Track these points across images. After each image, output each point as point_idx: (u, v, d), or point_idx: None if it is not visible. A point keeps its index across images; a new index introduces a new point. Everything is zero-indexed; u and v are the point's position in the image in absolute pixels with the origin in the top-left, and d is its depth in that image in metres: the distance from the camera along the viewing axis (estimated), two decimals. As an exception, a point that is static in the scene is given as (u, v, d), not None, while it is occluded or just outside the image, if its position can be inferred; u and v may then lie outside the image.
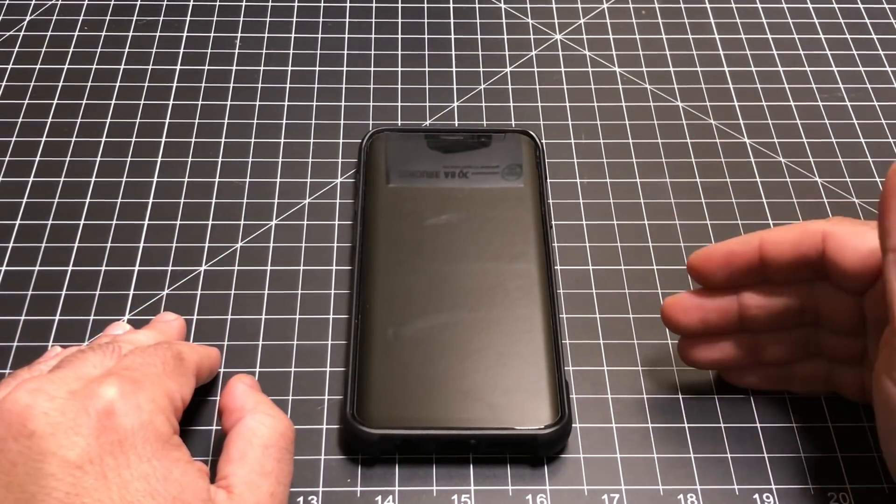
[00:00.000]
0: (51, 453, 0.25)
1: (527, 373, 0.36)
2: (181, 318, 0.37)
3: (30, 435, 0.26)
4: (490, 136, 0.44)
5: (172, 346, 0.32)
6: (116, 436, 0.26)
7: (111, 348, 0.31)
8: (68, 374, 0.28)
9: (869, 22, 0.53)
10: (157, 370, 0.30)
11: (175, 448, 0.28)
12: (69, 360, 0.30)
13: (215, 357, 0.36)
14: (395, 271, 0.39)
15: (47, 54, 0.49)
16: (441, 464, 0.35)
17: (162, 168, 0.44)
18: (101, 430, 0.26)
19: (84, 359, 0.30)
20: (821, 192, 0.44)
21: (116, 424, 0.26)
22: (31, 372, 0.31)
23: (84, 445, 0.26)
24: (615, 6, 0.53)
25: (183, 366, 0.31)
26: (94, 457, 0.26)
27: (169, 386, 0.29)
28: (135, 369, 0.29)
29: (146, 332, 0.35)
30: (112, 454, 0.26)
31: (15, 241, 0.41)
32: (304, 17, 0.52)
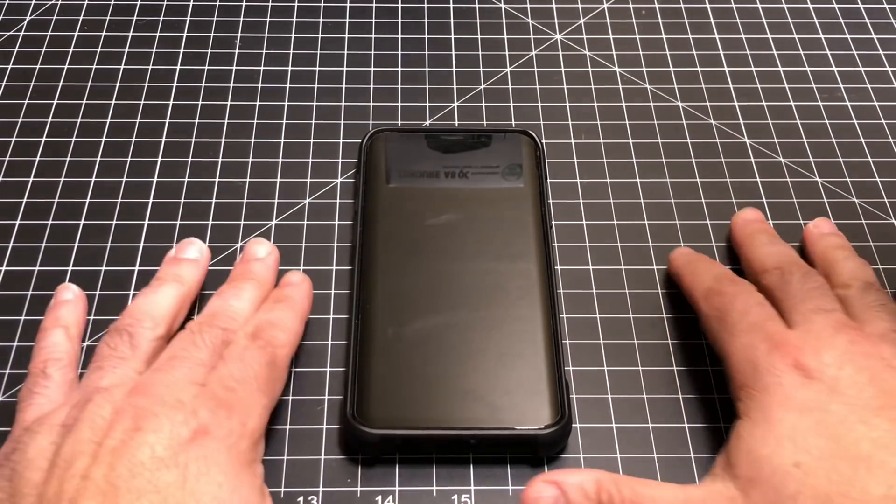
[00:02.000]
0: (147, 444, 0.29)
1: (527, 373, 0.36)
2: (307, 283, 0.38)
3: (137, 430, 0.29)
4: (490, 136, 0.44)
5: (270, 343, 0.34)
6: (204, 451, 0.30)
7: (220, 340, 0.34)
8: (180, 379, 0.32)
9: (869, 22, 0.53)
10: (252, 388, 0.32)
11: (251, 473, 0.31)
12: (182, 356, 0.33)
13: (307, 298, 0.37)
14: (395, 271, 0.39)
15: (47, 54, 0.49)
16: (441, 464, 0.35)
17: (162, 168, 0.44)
18: (193, 444, 0.30)
19: (195, 356, 0.33)
20: (821, 192, 0.44)
21: (207, 442, 0.30)
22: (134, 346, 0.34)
23: (176, 449, 0.29)
24: (615, 6, 0.53)
25: (276, 368, 0.34)
26: (180, 461, 0.29)
27: (260, 404, 0.32)
28: (232, 390, 0.32)
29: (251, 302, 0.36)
30: (196, 463, 0.29)
31: (15, 241, 0.41)
32: (304, 17, 0.52)
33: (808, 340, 0.32)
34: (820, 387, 0.31)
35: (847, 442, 0.29)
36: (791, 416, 0.30)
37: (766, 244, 0.39)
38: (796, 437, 0.30)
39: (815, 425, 0.30)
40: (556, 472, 0.32)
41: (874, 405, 0.30)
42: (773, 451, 0.30)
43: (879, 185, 0.45)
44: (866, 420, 0.29)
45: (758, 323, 0.34)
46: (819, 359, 0.31)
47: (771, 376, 0.32)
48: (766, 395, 0.31)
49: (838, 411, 0.30)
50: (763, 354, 0.32)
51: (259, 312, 0.36)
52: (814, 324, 0.33)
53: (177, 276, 0.37)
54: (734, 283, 0.36)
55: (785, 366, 0.32)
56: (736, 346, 0.34)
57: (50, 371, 0.34)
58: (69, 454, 0.29)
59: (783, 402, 0.31)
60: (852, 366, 0.31)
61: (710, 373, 0.38)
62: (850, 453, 0.29)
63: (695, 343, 0.39)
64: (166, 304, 0.36)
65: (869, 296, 0.36)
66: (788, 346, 0.32)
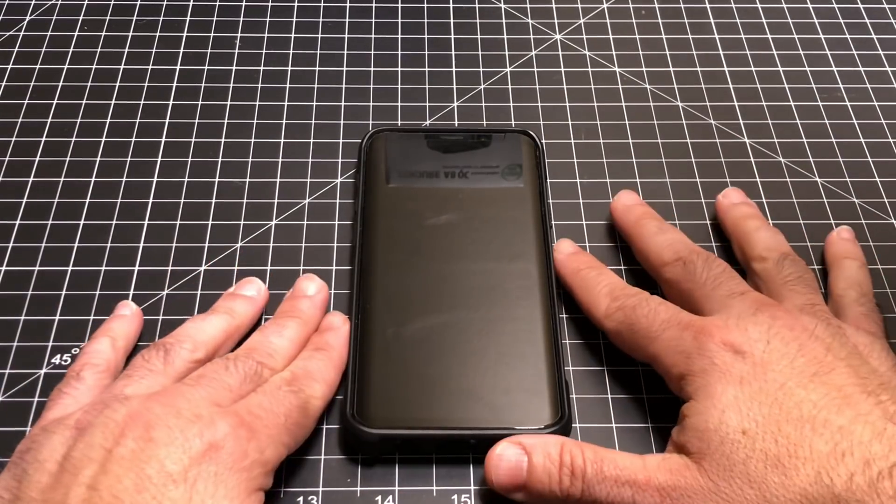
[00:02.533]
0: (157, 459, 0.29)
1: (527, 373, 0.36)
2: (347, 327, 0.37)
3: (148, 440, 0.29)
4: (490, 136, 0.44)
5: (304, 391, 0.33)
6: (215, 468, 0.29)
7: (254, 371, 0.33)
8: (203, 397, 0.31)
9: (869, 22, 0.53)
10: (278, 422, 0.32)
11: (258, 499, 0.30)
12: (211, 377, 0.32)
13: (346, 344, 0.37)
14: (395, 271, 0.39)
15: (47, 54, 0.49)
16: (441, 464, 0.35)
17: (162, 168, 0.44)
18: (205, 459, 0.29)
19: (224, 380, 0.32)
20: (821, 192, 0.44)
21: (219, 459, 0.29)
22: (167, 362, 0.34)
23: (186, 464, 0.29)
24: (615, 6, 0.53)
25: (306, 416, 0.33)
26: (189, 477, 0.28)
27: (282, 440, 0.32)
28: (258, 417, 0.31)
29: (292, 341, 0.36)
30: (205, 481, 0.29)
31: (15, 242, 0.41)
32: (304, 17, 0.52)
33: (729, 321, 0.33)
34: (752, 360, 0.32)
35: (789, 406, 0.30)
36: (731, 388, 0.31)
37: (656, 233, 0.39)
38: (740, 406, 0.31)
39: (755, 394, 0.31)
40: (522, 436, 0.33)
41: (808, 372, 0.31)
42: (719, 422, 0.31)
43: (879, 185, 0.45)
44: (804, 384, 0.31)
45: (671, 318, 0.34)
46: (746, 335, 0.32)
47: (704, 358, 0.32)
48: (705, 375, 0.32)
49: (776, 379, 0.31)
50: (690, 341, 0.33)
51: (298, 360, 0.35)
52: (732, 308, 0.34)
53: (229, 308, 0.37)
54: (629, 295, 0.36)
55: (715, 346, 0.32)
56: (660, 346, 0.34)
57: (84, 374, 0.34)
58: (78, 459, 0.29)
59: (721, 377, 0.32)
60: (779, 339, 0.32)
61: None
62: (793, 416, 0.30)
63: (695, 343, 0.39)
64: (211, 332, 0.36)
65: (785, 269, 0.37)
66: (712, 328, 0.33)
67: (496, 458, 0.33)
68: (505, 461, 0.32)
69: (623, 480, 0.31)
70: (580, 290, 0.38)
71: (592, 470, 0.31)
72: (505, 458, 0.32)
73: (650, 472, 0.31)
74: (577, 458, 0.32)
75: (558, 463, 0.32)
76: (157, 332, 0.38)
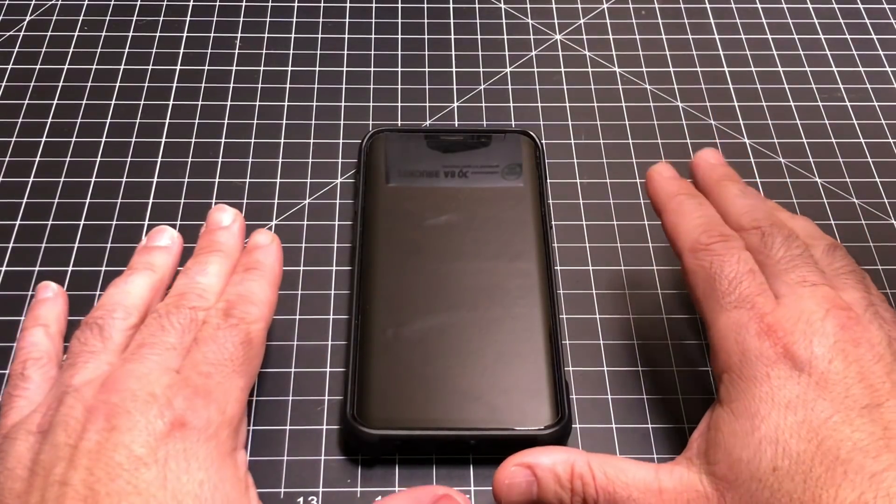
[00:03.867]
0: (123, 445, 0.28)
1: (526, 373, 0.36)
2: (276, 244, 0.36)
3: (111, 429, 0.29)
4: (490, 136, 0.44)
5: (244, 320, 0.32)
6: (182, 445, 0.29)
7: (189, 320, 0.32)
8: (151, 370, 0.30)
9: (869, 22, 0.53)
10: (227, 370, 0.31)
11: (233, 465, 0.30)
12: (151, 342, 0.31)
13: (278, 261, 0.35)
14: (395, 271, 0.39)
15: (47, 54, 0.49)
16: (441, 464, 0.35)
17: (162, 168, 0.44)
18: (171, 438, 0.29)
19: (165, 341, 0.31)
20: (821, 192, 0.44)
21: (185, 435, 0.29)
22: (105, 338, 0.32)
23: (153, 445, 0.28)
24: (615, 6, 0.53)
25: (251, 347, 0.32)
26: (159, 457, 0.28)
27: (238, 386, 0.31)
28: (207, 375, 0.31)
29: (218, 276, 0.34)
30: (175, 459, 0.28)
31: (15, 242, 0.41)
32: (304, 17, 0.52)
33: (798, 325, 0.31)
34: (808, 381, 0.30)
35: (828, 444, 0.28)
36: (775, 413, 0.29)
37: (738, 196, 0.36)
38: (778, 438, 0.29)
39: (798, 426, 0.29)
40: (530, 453, 0.32)
41: (860, 404, 0.29)
42: (753, 455, 0.29)
43: (879, 185, 0.45)
44: (850, 420, 0.29)
45: (749, 297, 0.32)
46: (810, 349, 0.30)
47: (759, 366, 0.30)
48: (752, 387, 0.30)
49: (824, 410, 0.29)
50: (752, 336, 0.31)
51: (229, 286, 0.34)
52: (801, 300, 0.32)
53: (148, 263, 0.36)
54: (724, 238, 0.34)
55: (775, 354, 0.30)
56: (724, 322, 0.32)
57: (29, 372, 0.33)
58: (47, 461, 0.28)
59: (768, 397, 0.30)
60: (841, 358, 0.30)
61: (710, 373, 0.38)
62: (829, 456, 0.28)
63: (695, 343, 0.39)
64: (138, 293, 0.34)
65: (836, 261, 0.34)
66: (779, 329, 0.31)
67: (505, 485, 0.32)
68: (515, 487, 0.32)
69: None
70: (672, 213, 0.35)
71: (604, 497, 0.30)
72: (515, 484, 0.32)
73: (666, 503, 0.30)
74: (589, 485, 0.31)
75: (569, 490, 0.31)
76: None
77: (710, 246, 0.34)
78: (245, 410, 0.32)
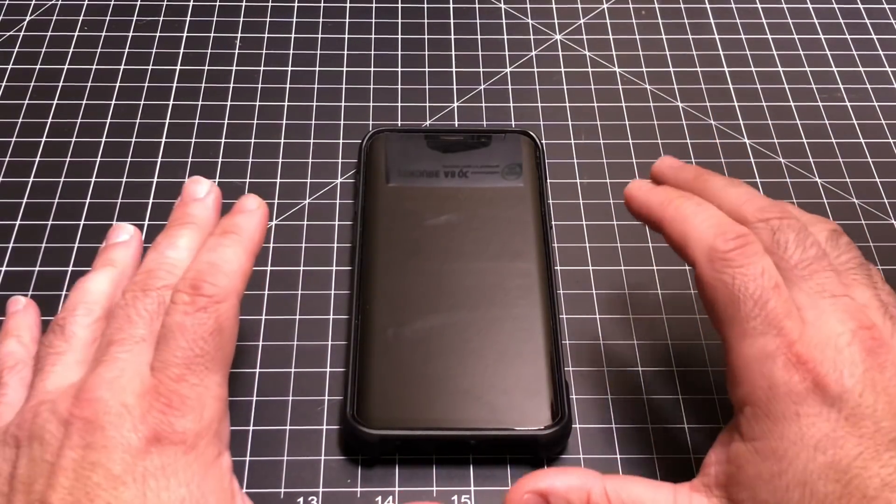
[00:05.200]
0: (100, 465, 0.27)
1: (526, 373, 0.36)
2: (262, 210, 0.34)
3: (86, 447, 0.28)
4: (490, 136, 0.44)
5: (210, 308, 0.30)
6: (161, 460, 0.28)
7: (157, 304, 0.31)
8: (122, 373, 0.29)
9: (869, 22, 0.53)
10: (199, 367, 0.29)
11: (216, 473, 0.29)
12: (120, 339, 0.30)
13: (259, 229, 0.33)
14: (395, 271, 0.39)
15: (47, 54, 0.49)
16: (441, 464, 0.35)
17: (162, 168, 0.44)
18: (147, 454, 0.28)
19: (135, 334, 0.30)
20: (821, 192, 0.44)
21: (162, 451, 0.28)
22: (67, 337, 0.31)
23: (130, 462, 0.27)
24: (615, 6, 0.53)
25: (223, 335, 0.30)
26: (137, 476, 0.27)
27: (214, 381, 0.30)
28: (180, 378, 0.29)
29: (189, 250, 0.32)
30: (154, 477, 0.27)
31: (15, 242, 0.41)
32: (304, 17, 0.52)
33: (827, 352, 0.29)
34: (837, 417, 0.28)
35: (856, 483, 0.27)
36: (804, 455, 0.28)
37: (726, 186, 0.34)
38: (806, 481, 0.28)
39: (826, 467, 0.28)
40: (544, 476, 0.31)
41: (889, 437, 0.28)
42: (781, 499, 0.28)
43: (879, 185, 0.45)
44: (879, 456, 0.27)
45: (776, 321, 0.29)
46: (841, 382, 0.28)
47: (788, 403, 0.28)
48: (780, 426, 0.28)
49: (853, 448, 0.28)
50: (781, 371, 0.29)
51: (200, 251, 0.32)
52: (825, 316, 0.30)
53: (107, 260, 0.35)
54: (742, 242, 0.31)
55: (804, 389, 0.28)
56: (748, 350, 0.30)
57: (6, 379, 0.32)
58: (26, 476, 0.28)
59: (798, 437, 0.28)
60: (871, 389, 0.28)
61: (710, 373, 0.38)
62: (856, 496, 0.27)
63: (695, 343, 0.39)
64: (99, 289, 0.33)
65: (842, 253, 0.32)
66: (809, 361, 0.29)
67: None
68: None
69: None
70: (674, 221, 0.33)
71: None
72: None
73: None
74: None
75: None
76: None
77: (729, 255, 0.30)
78: (225, 406, 0.30)
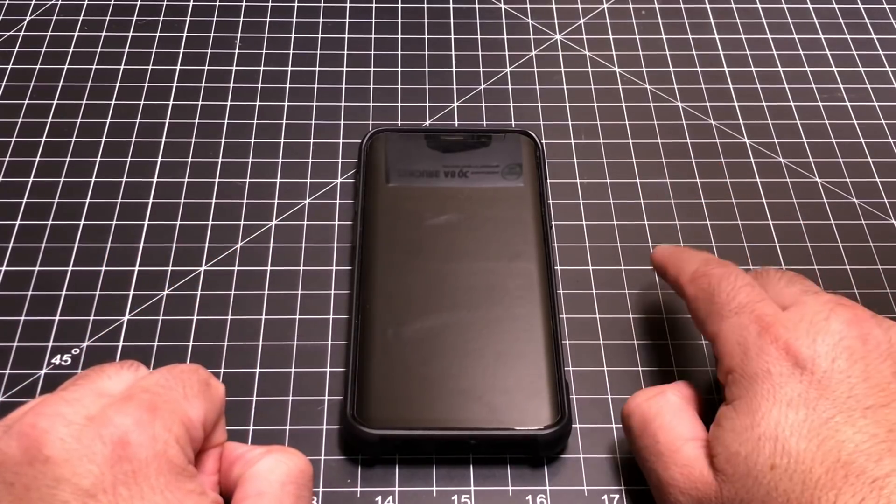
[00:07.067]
0: (65, 480, 0.26)
1: (527, 373, 0.36)
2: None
3: (45, 461, 0.26)
4: (490, 136, 0.44)
5: (200, 370, 0.31)
6: (130, 466, 0.26)
7: (132, 363, 0.31)
8: (85, 395, 0.28)
9: (869, 22, 0.53)
10: (177, 394, 0.29)
11: (189, 479, 0.28)
12: (87, 374, 0.30)
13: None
14: (395, 271, 0.39)
15: (47, 54, 0.49)
16: (441, 464, 0.35)
17: (162, 168, 0.44)
18: (116, 460, 0.26)
19: (102, 372, 0.30)
20: (821, 192, 0.44)
21: (131, 455, 0.27)
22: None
23: (98, 474, 0.26)
24: (615, 6, 0.53)
25: (209, 391, 0.30)
26: (107, 486, 0.26)
27: (189, 412, 0.29)
28: (154, 392, 0.28)
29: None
30: (125, 484, 0.26)
31: (15, 242, 0.41)
32: (304, 17, 0.52)
33: (801, 324, 0.31)
34: (810, 380, 0.29)
35: (829, 445, 0.28)
36: (775, 411, 0.29)
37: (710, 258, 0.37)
38: (778, 435, 0.29)
39: (799, 424, 0.29)
40: None
41: (864, 404, 0.29)
42: (751, 450, 0.29)
43: (879, 185, 0.45)
44: (853, 421, 0.28)
45: (748, 304, 0.32)
46: (812, 347, 0.30)
47: (760, 362, 0.30)
48: (753, 384, 0.30)
49: (826, 410, 0.29)
50: (753, 336, 0.31)
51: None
52: (806, 305, 0.32)
53: None
54: (722, 265, 0.34)
55: (776, 350, 0.30)
56: (725, 328, 0.32)
57: None
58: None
59: (769, 394, 0.30)
60: (846, 356, 0.30)
61: (710, 373, 0.38)
62: (830, 458, 0.28)
63: (695, 343, 0.39)
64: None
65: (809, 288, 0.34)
66: (780, 328, 0.31)
67: None
68: None
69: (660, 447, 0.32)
70: (674, 258, 0.37)
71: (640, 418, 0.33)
72: None
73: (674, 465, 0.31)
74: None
75: None
76: (157, 333, 0.38)
77: (708, 271, 0.34)
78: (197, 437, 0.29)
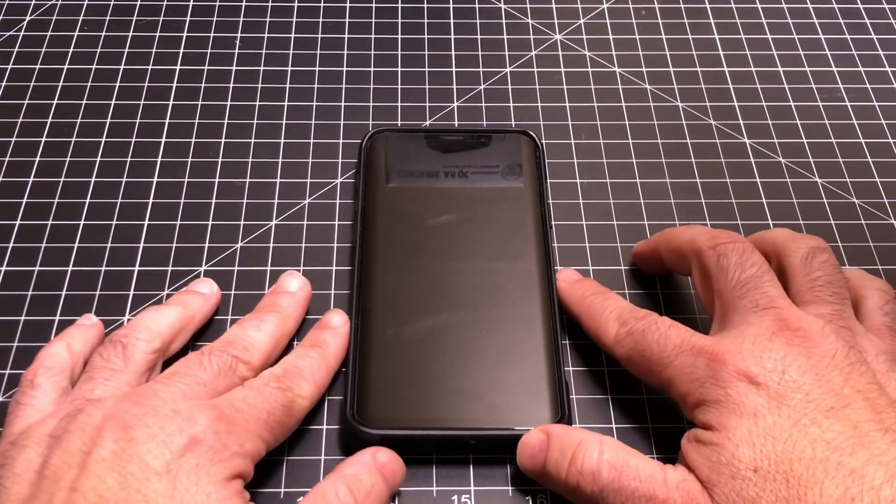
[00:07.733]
0: (138, 457, 0.29)
1: (527, 373, 0.36)
2: (345, 328, 0.37)
3: (129, 440, 0.29)
4: (490, 136, 0.44)
5: (292, 389, 0.33)
6: (196, 460, 0.29)
7: (228, 366, 0.33)
8: (177, 393, 0.31)
9: (869, 22, 0.53)
10: (260, 417, 0.32)
11: (239, 491, 0.30)
12: (184, 373, 0.32)
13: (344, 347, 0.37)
14: (395, 271, 0.39)
15: (47, 54, 0.49)
16: (441, 464, 0.35)
17: (162, 168, 0.44)
18: (187, 451, 0.29)
19: (198, 376, 0.32)
20: (821, 192, 0.44)
21: (201, 452, 0.29)
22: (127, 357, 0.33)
23: (168, 458, 0.29)
24: (615, 6, 0.53)
25: (290, 415, 0.33)
26: (171, 469, 0.29)
27: (262, 436, 0.32)
28: (239, 410, 0.31)
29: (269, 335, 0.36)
30: (187, 472, 0.29)
31: (15, 242, 0.41)
32: (304, 17, 0.52)
33: (744, 345, 0.32)
34: (767, 392, 0.30)
35: (803, 444, 0.29)
36: (745, 421, 0.30)
37: (684, 228, 0.38)
38: (753, 441, 0.30)
39: (769, 429, 0.30)
40: (553, 425, 0.34)
41: (824, 406, 0.30)
42: (732, 456, 0.30)
43: (879, 185, 0.45)
44: (819, 422, 0.29)
45: (683, 343, 0.33)
46: (760, 365, 0.31)
47: (719, 388, 0.31)
48: (719, 406, 0.31)
49: (790, 414, 0.30)
50: (703, 369, 0.32)
51: (291, 356, 0.35)
52: (749, 327, 0.32)
53: (182, 300, 0.37)
54: (638, 318, 0.35)
55: (728, 374, 0.31)
56: (673, 372, 0.33)
57: (39, 380, 0.33)
58: (57, 466, 0.29)
59: (735, 409, 0.30)
60: (795, 368, 0.31)
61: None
62: (806, 456, 0.29)
63: (695, 343, 0.39)
64: (166, 322, 0.36)
65: (813, 270, 0.34)
66: (726, 355, 0.31)
67: (522, 442, 0.34)
68: (529, 446, 0.33)
69: (641, 493, 0.30)
70: (587, 317, 0.37)
71: (610, 476, 0.31)
72: (529, 444, 0.33)
73: (670, 492, 0.30)
74: (591, 459, 0.31)
75: (569, 459, 0.32)
76: (157, 333, 0.38)
77: (631, 330, 0.35)
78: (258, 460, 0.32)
